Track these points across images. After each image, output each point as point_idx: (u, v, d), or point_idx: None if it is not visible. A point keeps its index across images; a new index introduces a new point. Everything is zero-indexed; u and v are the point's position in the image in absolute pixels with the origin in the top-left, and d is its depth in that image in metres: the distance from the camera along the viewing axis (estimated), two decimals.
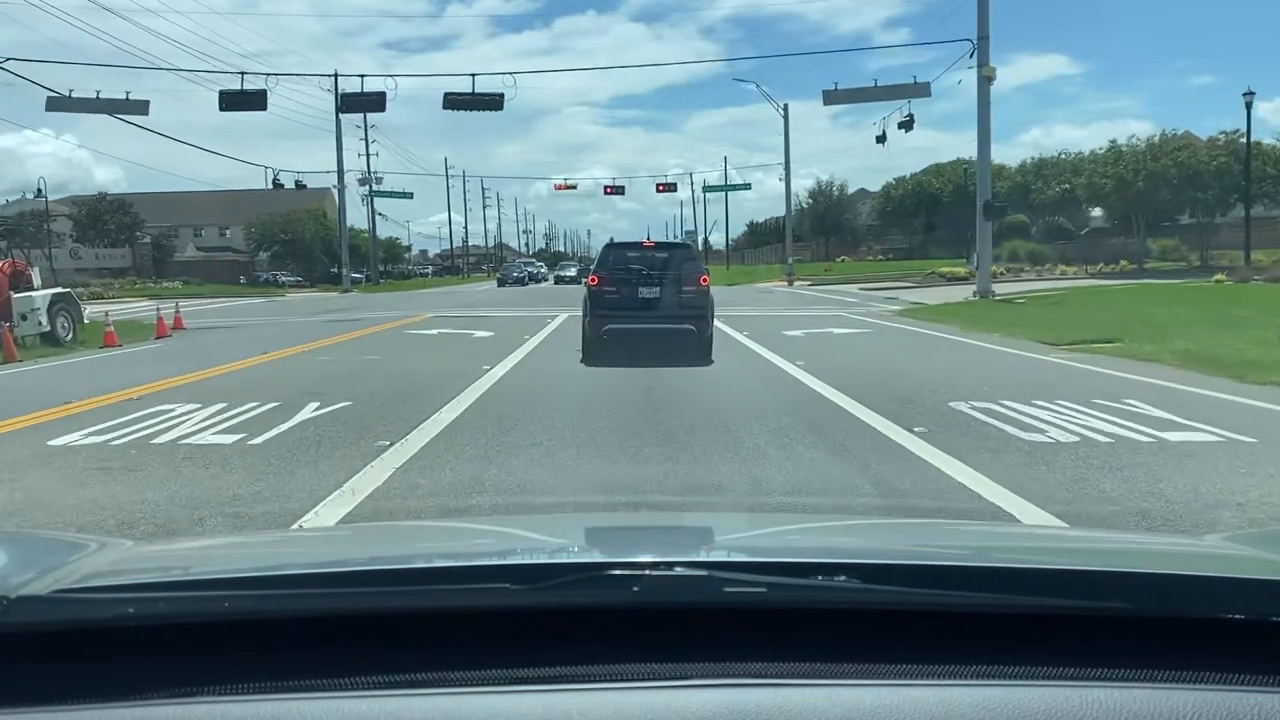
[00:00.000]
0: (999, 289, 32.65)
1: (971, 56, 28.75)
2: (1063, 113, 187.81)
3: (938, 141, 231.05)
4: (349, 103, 28.73)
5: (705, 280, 14.15)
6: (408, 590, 1.34)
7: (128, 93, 28.09)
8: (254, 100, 28.08)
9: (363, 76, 28.36)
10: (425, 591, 1.33)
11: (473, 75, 27.96)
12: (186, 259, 74.97)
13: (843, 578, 1.29)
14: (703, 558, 1.46)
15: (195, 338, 21.53)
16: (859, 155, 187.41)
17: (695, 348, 14.21)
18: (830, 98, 30.24)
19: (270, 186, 52.24)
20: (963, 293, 35.94)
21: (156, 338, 21.62)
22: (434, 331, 20.23)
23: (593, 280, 14.18)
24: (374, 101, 28.70)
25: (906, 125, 35.97)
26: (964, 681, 1.16)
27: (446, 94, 28.33)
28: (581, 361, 13.88)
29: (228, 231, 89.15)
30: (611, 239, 15.13)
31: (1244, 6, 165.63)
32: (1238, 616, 1.27)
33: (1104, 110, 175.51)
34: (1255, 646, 1.23)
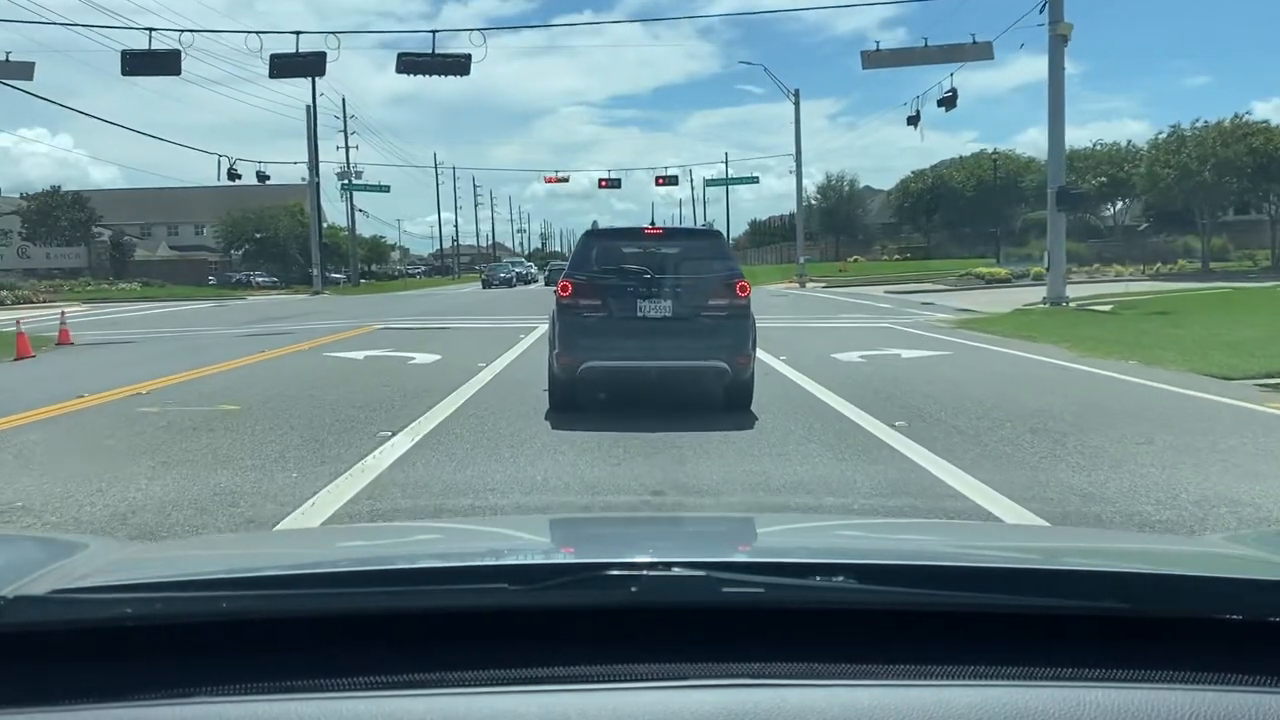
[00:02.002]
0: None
1: (1042, 12, 23.53)
2: None
3: (935, 143, 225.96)
4: (281, 66, 23.47)
5: (745, 289, 8.92)
6: (407, 590, 1.32)
7: (8, 54, 22.90)
8: (164, 63, 22.79)
9: (298, 33, 22.76)
10: (424, 592, 1.31)
11: (433, 32, 22.83)
12: (149, 259, 69.56)
13: (841, 578, 1.28)
14: (701, 558, 1.38)
15: (56, 362, 16.33)
16: (854, 156, 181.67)
17: (728, 396, 9.02)
18: (871, 59, 24.95)
19: (227, 179, 47.07)
20: (1013, 297, 30.92)
21: (16, 359, 16.55)
22: (361, 355, 14.97)
23: (564, 289, 8.91)
24: (311, 64, 23.40)
25: (948, 102, 30.66)
26: (962, 682, 1.15)
27: (401, 55, 23.02)
28: (546, 418, 8.70)
29: (204, 230, 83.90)
30: (595, 223, 9.77)
31: (1240, 6, 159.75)
32: (1237, 617, 1.25)
33: (1101, 110, 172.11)
34: (1255, 646, 1.21)
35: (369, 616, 1.26)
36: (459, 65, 23.00)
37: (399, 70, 23.00)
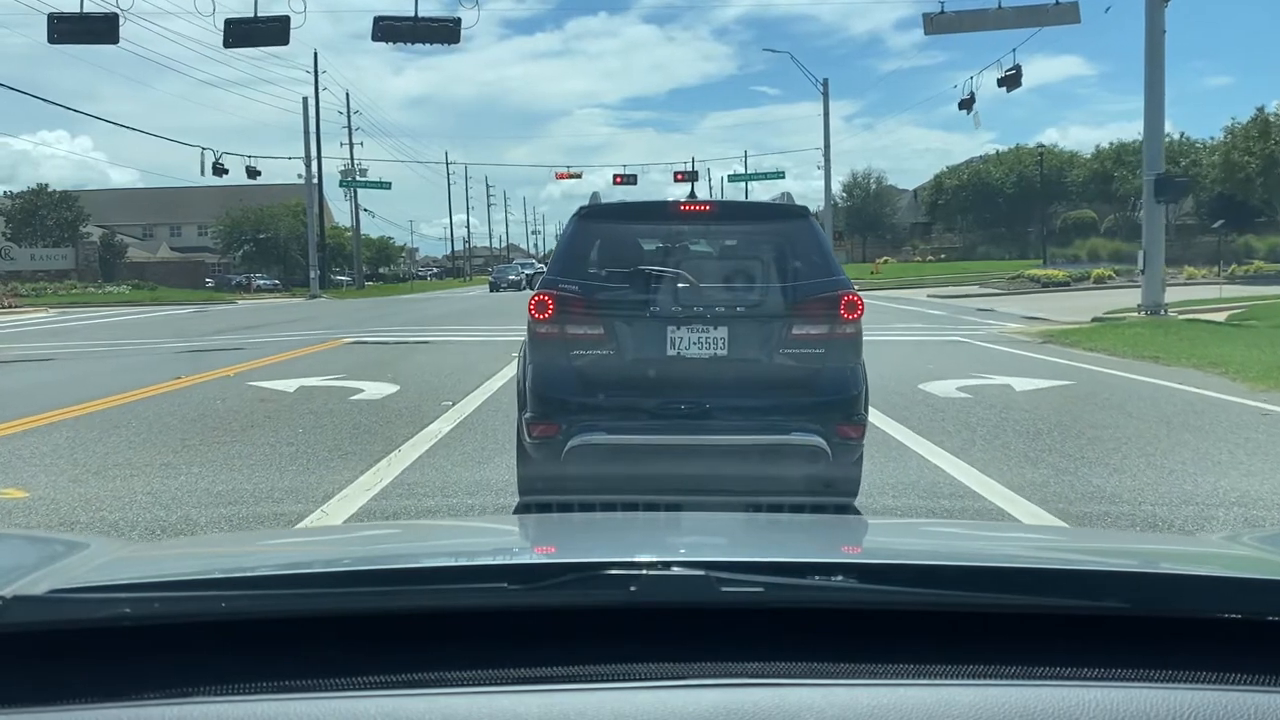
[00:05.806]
0: (1129, 298, 23.71)
1: None
2: (1078, 114, 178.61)
3: (952, 143, 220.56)
4: (238, 34, 19.95)
5: (857, 306, 5.26)
6: (406, 590, 1.30)
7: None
8: (98, 29, 19.37)
9: None
10: (423, 591, 1.29)
11: None
12: (146, 260, 66.42)
13: (839, 577, 1.27)
14: (700, 558, 1.36)
15: None
16: (869, 157, 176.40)
17: (815, 488, 5.34)
18: (934, 24, 21.27)
19: (213, 174, 43.83)
20: (1083, 303, 27.15)
21: None
22: (293, 386, 11.35)
23: (540, 307, 5.24)
24: (273, 32, 19.87)
25: (1010, 81, 27.03)
26: (961, 681, 1.13)
27: (377, 19, 19.54)
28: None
29: (208, 230, 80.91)
30: (595, 196, 6.06)
31: (1262, 5, 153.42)
32: (1237, 616, 1.23)
33: (1119, 111, 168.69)
34: (1254, 646, 1.19)
35: (367, 616, 1.24)
36: (446, 31, 19.46)
37: (375, 38, 19.50)
